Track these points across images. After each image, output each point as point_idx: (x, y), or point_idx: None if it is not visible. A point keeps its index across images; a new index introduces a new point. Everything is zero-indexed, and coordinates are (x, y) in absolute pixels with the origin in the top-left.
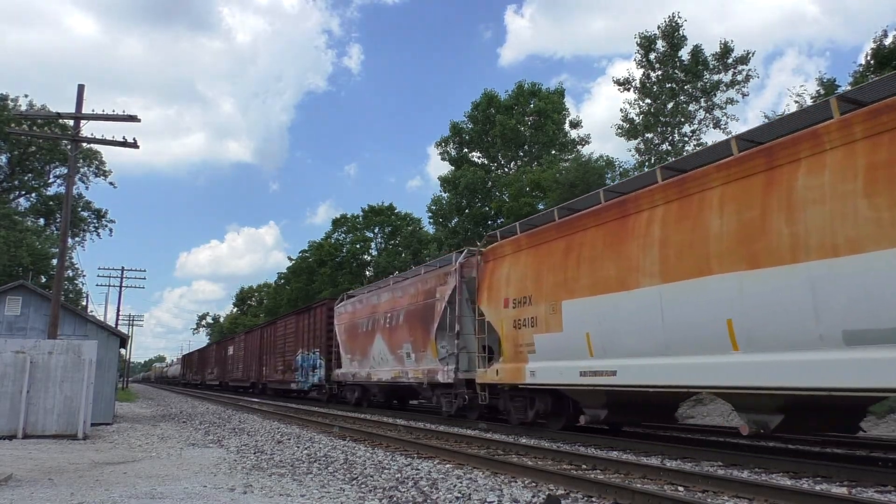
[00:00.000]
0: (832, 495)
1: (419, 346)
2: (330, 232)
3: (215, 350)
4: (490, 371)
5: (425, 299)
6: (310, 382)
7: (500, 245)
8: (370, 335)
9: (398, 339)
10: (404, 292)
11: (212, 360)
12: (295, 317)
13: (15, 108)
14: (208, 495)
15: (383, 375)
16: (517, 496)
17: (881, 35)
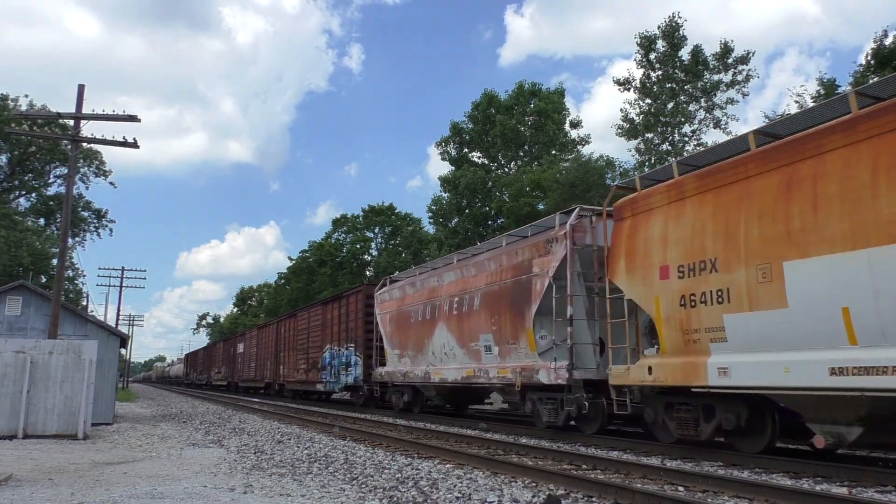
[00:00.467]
0: (832, 495)
1: (505, 336)
2: (330, 232)
3: (223, 348)
4: (637, 369)
5: (515, 276)
6: (342, 383)
7: (644, 195)
8: (428, 325)
9: (472, 328)
10: (480, 269)
11: (219, 359)
12: (322, 307)
13: (15, 108)
14: (208, 495)
15: (449, 374)
16: (517, 496)
17: (881, 35)
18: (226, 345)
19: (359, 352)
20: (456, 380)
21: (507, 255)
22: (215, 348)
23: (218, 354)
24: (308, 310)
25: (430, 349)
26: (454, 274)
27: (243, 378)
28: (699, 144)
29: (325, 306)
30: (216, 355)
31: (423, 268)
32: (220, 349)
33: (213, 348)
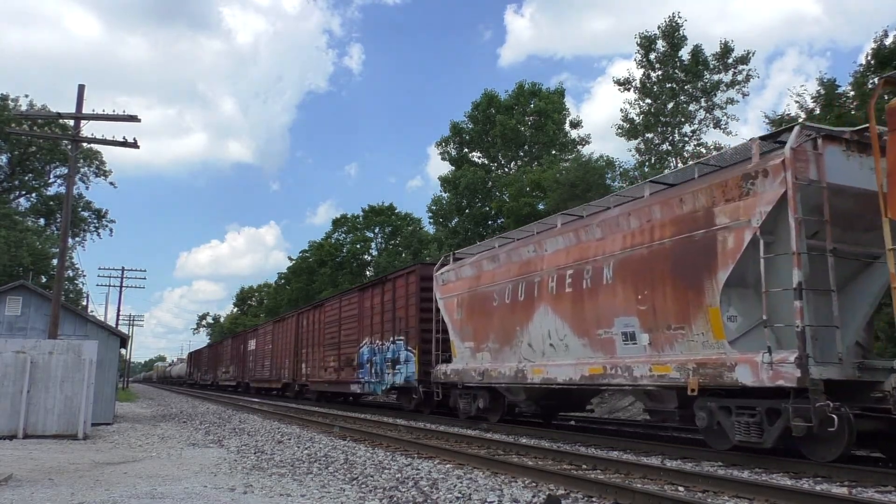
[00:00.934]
0: (833, 495)
1: (664, 318)
2: (330, 232)
3: (231, 345)
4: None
5: (682, 233)
6: (386, 383)
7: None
8: (521, 309)
9: (599, 310)
10: (611, 230)
11: (227, 358)
12: (359, 294)
13: (15, 108)
14: (209, 495)
15: (558, 373)
16: (517, 496)
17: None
18: (234, 342)
19: (411, 346)
20: (570, 379)
21: (663, 206)
22: (222, 346)
23: (225, 352)
24: (339, 298)
25: (524, 340)
26: (563, 240)
27: (256, 378)
28: (699, 144)
29: (363, 293)
30: (223, 353)
31: (506, 238)
32: (227, 347)
33: (219, 346)
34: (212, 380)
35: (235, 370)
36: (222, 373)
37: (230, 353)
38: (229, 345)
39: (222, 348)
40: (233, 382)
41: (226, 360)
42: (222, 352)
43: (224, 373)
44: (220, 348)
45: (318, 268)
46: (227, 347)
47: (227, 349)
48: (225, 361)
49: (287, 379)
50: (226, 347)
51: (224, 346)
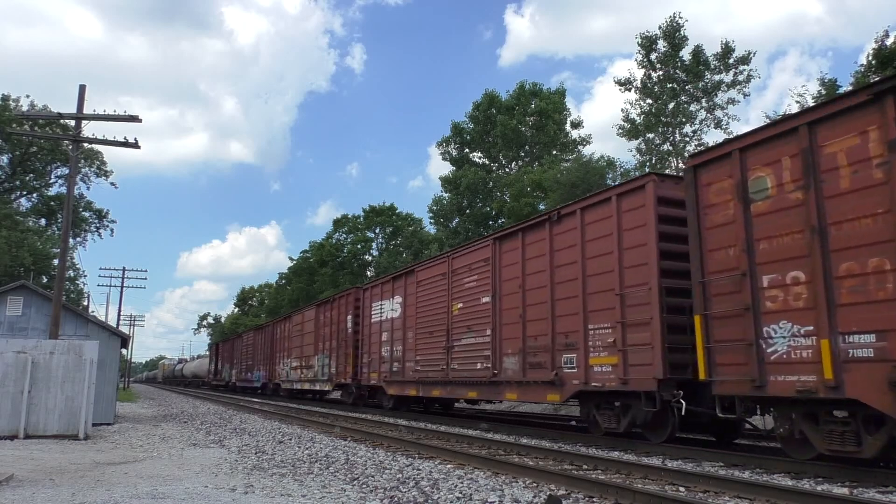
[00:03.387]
0: (833, 496)
1: None
2: (331, 232)
3: (288, 328)
4: None
5: None
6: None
7: None
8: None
9: None
10: None
11: (283, 348)
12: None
13: (16, 109)
14: (210, 495)
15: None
16: (518, 496)
17: (882, 35)
18: (287, 322)
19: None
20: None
21: None
22: (267, 333)
23: (281, 340)
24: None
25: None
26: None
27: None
28: (700, 145)
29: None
30: (271, 342)
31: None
32: (275, 333)
33: (266, 332)
34: (267, 377)
35: (338, 366)
36: (293, 369)
37: (286, 341)
38: (284, 328)
39: (268, 335)
40: (296, 388)
41: (283, 351)
42: (271, 339)
43: (300, 370)
44: (266, 335)
45: (318, 268)
46: (274, 333)
47: (282, 336)
48: (283, 353)
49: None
50: (270, 334)
51: (268, 333)
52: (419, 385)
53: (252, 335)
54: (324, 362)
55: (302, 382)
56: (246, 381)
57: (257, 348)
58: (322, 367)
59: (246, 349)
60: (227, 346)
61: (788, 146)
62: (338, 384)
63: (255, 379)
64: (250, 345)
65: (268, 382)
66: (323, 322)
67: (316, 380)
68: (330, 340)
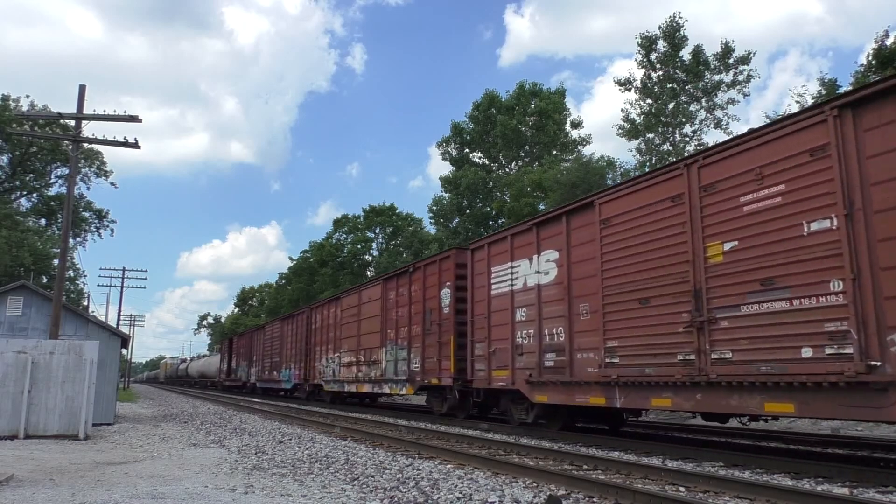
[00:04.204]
0: (833, 496)
1: None
2: (331, 232)
3: (335, 313)
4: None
5: None
6: None
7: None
8: None
9: None
10: None
11: (325, 339)
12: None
13: (16, 109)
14: (210, 495)
15: None
16: (518, 496)
17: (882, 35)
18: (324, 309)
19: None
20: None
21: None
22: (294, 324)
23: (314, 333)
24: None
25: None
26: None
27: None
28: (700, 144)
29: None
30: (299, 336)
31: None
32: (303, 324)
33: (292, 322)
34: (300, 376)
35: (420, 359)
36: (348, 365)
37: (324, 334)
38: (320, 316)
39: (294, 327)
40: (347, 390)
41: (317, 345)
42: (299, 334)
43: (355, 365)
44: (294, 326)
45: (319, 268)
46: (303, 325)
47: (318, 329)
48: (323, 347)
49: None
50: (301, 325)
51: (297, 323)
52: (615, 389)
53: (279, 326)
54: (398, 356)
55: (359, 383)
56: (270, 382)
57: (286, 341)
58: (395, 364)
59: (270, 343)
60: (244, 340)
61: None
62: (425, 386)
63: (284, 379)
64: (276, 337)
65: (302, 383)
66: (396, 301)
67: (384, 380)
68: (409, 326)
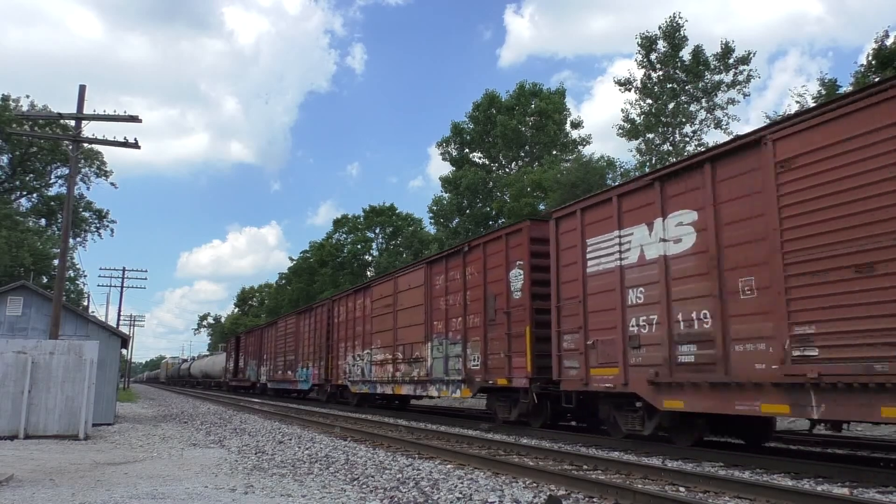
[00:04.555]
0: (833, 496)
1: None
2: (331, 232)
3: (363, 305)
4: None
5: None
6: None
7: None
8: None
9: None
10: None
11: (351, 334)
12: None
13: (16, 109)
14: (210, 495)
15: None
16: (518, 496)
17: (882, 35)
18: (348, 300)
19: None
20: None
21: None
22: (313, 316)
23: (342, 328)
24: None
25: None
26: None
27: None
28: (700, 145)
29: None
30: (321, 331)
31: None
32: (325, 319)
33: (334, 308)
34: (320, 376)
35: (481, 354)
36: (381, 363)
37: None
38: (344, 311)
39: (315, 321)
40: (397, 391)
41: (344, 341)
42: (320, 329)
43: (391, 363)
44: (314, 321)
45: (318, 268)
46: (326, 321)
47: (344, 323)
48: (348, 343)
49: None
50: (321, 319)
51: (315, 317)
52: (809, 393)
53: (294, 321)
54: (448, 352)
55: (396, 384)
56: (284, 383)
57: (303, 338)
58: (445, 361)
59: (284, 340)
60: (254, 337)
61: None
62: (487, 388)
63: (301, 379)
64: (291, 334)
65: (323, 384)
66: (445, 288)
67: (430, 380)
68: (463, 316)
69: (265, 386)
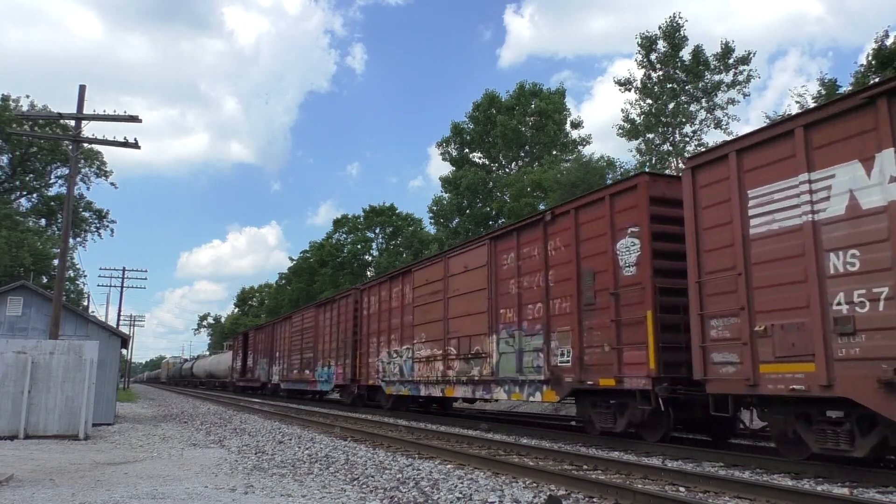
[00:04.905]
0: (833, 496)
1: None
2: (331, 232)
3: (402, 293)
4: None
5: None
6: None
7: None
8: None
9: None
10: None
11: (385, 327)
12: None
13: (16, 109)
14: (210, 495)
15: None
16: (518, 496)
17: (882, 35)
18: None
19: None
20: None
21: None
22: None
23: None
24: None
25: None
26: None
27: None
28: (700, 145)
29: None
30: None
31: None
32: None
33: (362, 298)
34: (346, 375)
35: (582, 342)
36: (424, 360)
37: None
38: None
39: (336, 313)
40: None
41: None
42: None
43: (442, 360)
44: (337, 314)
45: (318, 268)
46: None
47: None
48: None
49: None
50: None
51: (337, 308)
52: None
53: (312, 314)
54: (523, 345)
55: (447, 385)
56: (301, 383)
57: (323, 333)
58: (518, 357)
59: (300, 336)
60: (264, 334)
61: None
62: (581, 390)
63: (321, 378)
64: (309, 329)
65: (348, 384)
66: (517, 268)
67: (496, 380)
68: (545, 301)
69: (277, 387)
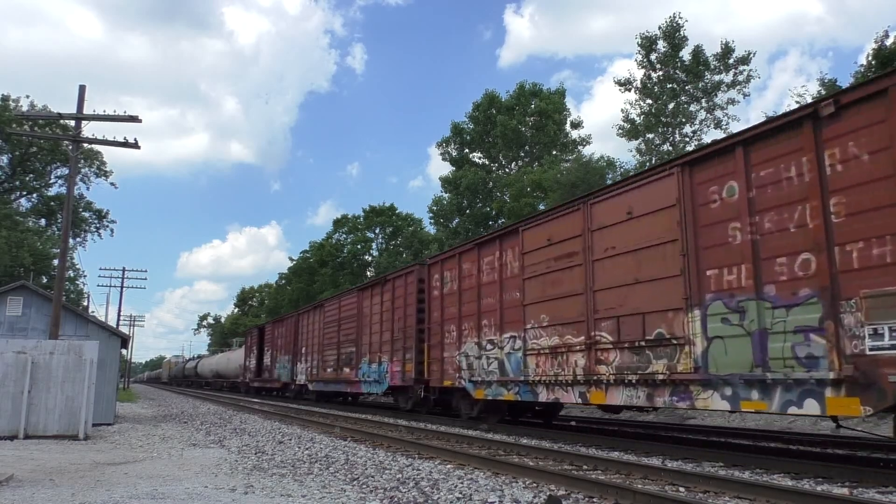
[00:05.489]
0: (833, 496)
1: None
2: (331, 232)
3: (474, 274)
4: None
5: None
6: None
7: None
8: None
9: None
10: None
11: (470, 311)
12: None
13: (16, 109)
14: (209, 495)
15: None
16: (518, 496)
17: (882, 35)
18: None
19: None
20: None
21: None
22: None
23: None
24: None
25: None
26: None
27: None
28: (700, 145)
29: None
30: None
31: None
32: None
33: (431, 274)
34: (405, 375)
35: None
36: (542, 354)
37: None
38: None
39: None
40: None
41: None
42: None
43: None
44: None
45: (318, 268)
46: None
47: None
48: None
49: None
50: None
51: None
52: None
53: (354, 300)
54: (763, 324)
55: (596, 386)
56: (337, 384)
57: (368, 322)
58: (753, 343)
59: (336, 327)
60: (285, 327)
61: None
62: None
63: (368, 378)
64: (349, 318)
65: (411, 385)
66: (747, 202)
67: (705, 380)
68: (812, 253)
69: (303, 388)
